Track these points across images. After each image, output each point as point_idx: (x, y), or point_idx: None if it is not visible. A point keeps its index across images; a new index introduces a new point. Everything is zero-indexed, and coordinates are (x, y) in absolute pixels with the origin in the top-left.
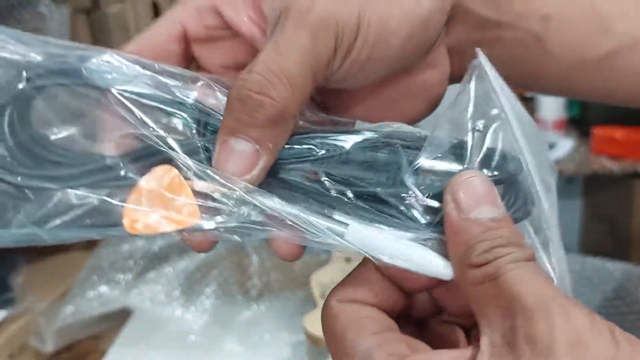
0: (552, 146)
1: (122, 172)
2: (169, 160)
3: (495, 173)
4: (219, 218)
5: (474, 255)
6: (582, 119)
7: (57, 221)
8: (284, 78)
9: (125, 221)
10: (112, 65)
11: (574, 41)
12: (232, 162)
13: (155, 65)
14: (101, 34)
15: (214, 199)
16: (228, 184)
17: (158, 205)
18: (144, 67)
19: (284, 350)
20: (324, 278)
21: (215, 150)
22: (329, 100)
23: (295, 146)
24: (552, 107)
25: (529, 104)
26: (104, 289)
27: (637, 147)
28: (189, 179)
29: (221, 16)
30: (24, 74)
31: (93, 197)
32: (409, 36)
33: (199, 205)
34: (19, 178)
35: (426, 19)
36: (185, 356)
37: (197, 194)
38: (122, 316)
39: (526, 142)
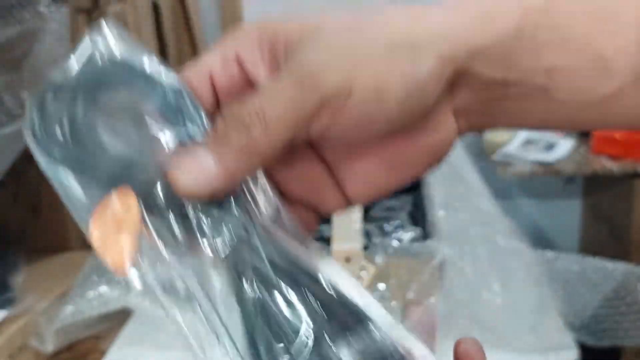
0: (552, 146)
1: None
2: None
3: None
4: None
5: None
6: None
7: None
8: (263, 119)
9: (91, 226)
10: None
11: (577, 87)
12: (189, 165)
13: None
14: None
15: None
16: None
17: (110, 228)
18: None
19: None
20: None
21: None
22: (333, 157)
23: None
24: None
25: None
26: (104, 289)
27: (637, 147)
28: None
29: (243, 69)
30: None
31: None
32: (404, 99)
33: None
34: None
35: (423, 84)
36: (185, 356)
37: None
38: (122, 316)
39: None
